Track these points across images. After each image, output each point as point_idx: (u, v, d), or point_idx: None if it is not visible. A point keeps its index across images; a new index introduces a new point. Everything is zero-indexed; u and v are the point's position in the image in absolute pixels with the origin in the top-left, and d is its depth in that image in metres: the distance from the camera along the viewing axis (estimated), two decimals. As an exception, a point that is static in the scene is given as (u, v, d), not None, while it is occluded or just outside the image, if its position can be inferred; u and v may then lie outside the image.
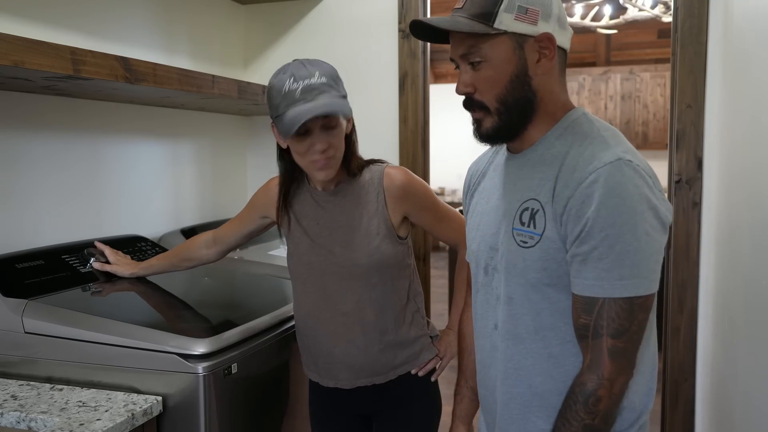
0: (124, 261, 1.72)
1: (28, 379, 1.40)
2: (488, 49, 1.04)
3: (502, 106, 1.06)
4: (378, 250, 1.43)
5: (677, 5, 2.05)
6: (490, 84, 1.05)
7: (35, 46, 1.23)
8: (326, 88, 1.33)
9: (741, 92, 1.72)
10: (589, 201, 0.97)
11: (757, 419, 1.45)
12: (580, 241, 0.98)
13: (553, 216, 1.02)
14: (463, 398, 1.37)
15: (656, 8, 4.50)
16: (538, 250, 1.04)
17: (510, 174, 1.13)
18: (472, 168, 1.30)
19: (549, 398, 1.08)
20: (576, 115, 1.09)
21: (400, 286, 1.49)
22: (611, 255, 0.96)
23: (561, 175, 1.02)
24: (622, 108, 7.49)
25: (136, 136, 2.03)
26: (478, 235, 1.18)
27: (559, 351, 1.06)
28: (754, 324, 1.50)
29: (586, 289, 0.99)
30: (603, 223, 0.95)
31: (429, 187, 1.54)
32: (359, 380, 1.47)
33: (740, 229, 1.67)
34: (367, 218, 1.45)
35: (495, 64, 1.04)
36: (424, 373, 1.52)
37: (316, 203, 1.49)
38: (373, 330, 1.45)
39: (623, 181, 0.96)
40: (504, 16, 1.02)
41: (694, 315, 2.09)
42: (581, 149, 1.02)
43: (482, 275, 1.17)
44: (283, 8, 2.53)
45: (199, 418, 1.30)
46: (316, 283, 1.47)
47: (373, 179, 1.46)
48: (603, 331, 0.98)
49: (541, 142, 1.09)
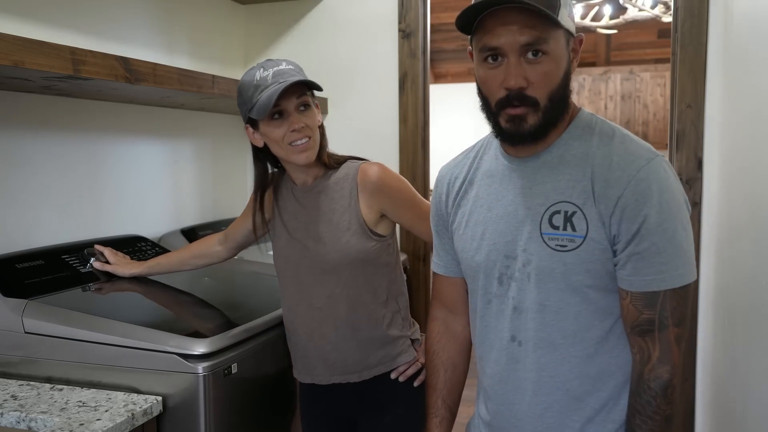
0: (123, 261, 1.71)
1: (28, 379, 1.40)
2: (553, 41, 0.99)
3: (550, 103, 1.02)
4: (347, 245, 1.43)
5: (677, 5, 2.05)
6: (548, 78, 1.00)
7: (35, 46, 1.23)
8: (295, 72, 1.39)
9: (741, 92, 1.72)
10: (643, 198, 0.98)
11: (757, 419, 1.45)
12: (639, 239, 0.99)
13: (598, 217, 1.01)
14: (442, 420, 1.29)
15: (656, 8, 4.50)
16: (582, 252, 1.02)
17: (518, 179, 1.10)
18: (448, 174, 1.23)
19: (586, 399, 1.08)
20: (586, 115, 1.09)
21: (376, 283, 1.46)
22: (669, 248, 0.98)
23: (596, 175, 1.02)
24: (622, 108, 7.49)
25: (136, 136, 2.03)
26: (484, 244, 1.13)
27: (595, 350, 1.06)
28: (754, 324, 1.50)
29: (646, 284, 1.00)
30: (660, 218, 0.98)
31: (407, 183, 1.50)
32: (333, 377, 1.47)
33: (740, 228, 1.67)
34: (338, 213, 1.45)
35: (555, 58, 1.00)
36: (404, 378, 1.48)
37: (296, 199, 1.50)
38: (345, 326, 1.44)
39: (667, 176, 1.00)
40: (562, 11, 0.99)
41: (694, 315, 2.09)
42: (611, 148, 1.03)
43: (496, 285, 1.12)
44: (283, 8, 2.53)
45: (199, 418, 1.29)
46: (293, 277, 1.48)
47: (348, 175, 1.46)
48: (668, 322, 1.01)
49: (556, 144, 1.07)
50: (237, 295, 1.87)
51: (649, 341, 1.02)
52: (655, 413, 1.02)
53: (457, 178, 1.21)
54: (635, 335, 1.03)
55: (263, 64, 1.40)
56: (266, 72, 1.37)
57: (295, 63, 1.43)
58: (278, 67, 1.38)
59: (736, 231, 1.72)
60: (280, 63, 1.39)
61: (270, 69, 1.37)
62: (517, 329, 1.09)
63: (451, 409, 1.30)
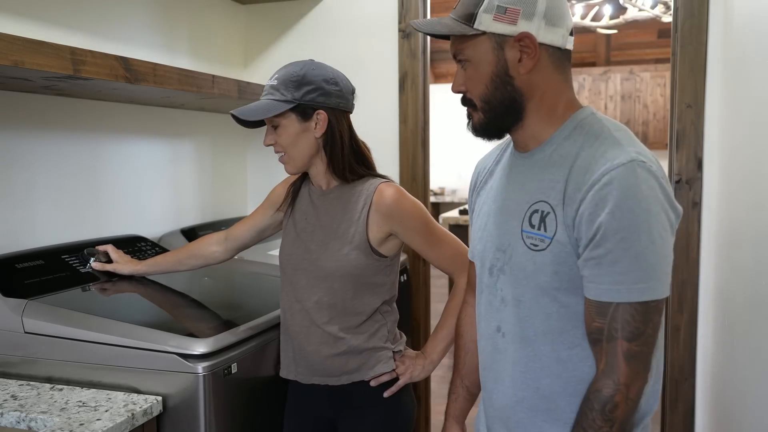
0: (124, 258, 1.72)
1: (28, 379, 1.40)
2: (469, 49, 1.07)
3: (486, 105, 1.08)
4: (345, 258, 1.44)
5: (677, 5, 2.05)
6: (474, 83, 1.08)
7: (35, 46, 1.23)
8: (271, 90, 1.43)
9: (741, 92, 1.72)
10: (603, 203, 0.95)
11: (757, 419, 1.45)
12: (594, 245, 0.96)
13: (563, 219, 1.01)
14: (458, 397, 1.37)
15: (656, 8, 4.50)
16: (549, 253, 1.02)
17: (517, 174, 1.13)
18: (480, 165, 1.30)
19: (556, 401, 1.07)
20: (584, 114, 1.08)
21: (365, 299, 1.47)
22: (626, 258, 0.94)
23: (572, 176, 1.01)
24: (622, 108, 7.49)
25: (136, 136, 2.03)
26: (484, 235, 1.17)
27: (568, 355, 1.05)
28: (754, 324, 1.50)
29: (601, 293, 0.97)
30: (618, 225, 0.94)
31: (422, 209, 1.50)
32: (314, 377, 1.49)
33: (740, 229, 1.67)
34: (346, 224, 1.47)
35: (476, 64, 1.07)
36: (375, 383, 1.49)
37: (311, 199, 1.53)
38: (328, 333, 1.45)
39: (637, 182, 0.95)
40: (483, 17, 1.04)
41: (694, 315, 2.09)
42: (592, 150, 1.01)
43: (487, 276, 1.16)
44: (283, 8, 2.53)
45: (199, 418, 1.30)
46: (291, 275, 1.50)
47: (365, 190, 1.48)
48: (618, 335, 0.96)
49: (549, 142, 1.08)
50: (237, 295, 1.87)
51: (598, 352, 1.00)
52: (590, 427, 0.99)
53: (484, 168, 1.27)
54: (590, 344, 1.02)
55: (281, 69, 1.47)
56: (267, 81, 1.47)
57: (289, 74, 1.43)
58: (269, 81, 1.45)
59: (736, 231, 1.72)
60: (273, 76, 1.45)
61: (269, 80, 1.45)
62: (502, 320, 1.12)
63: (469, 389, 1.36)
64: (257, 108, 1.42)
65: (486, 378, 1.19)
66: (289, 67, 1.44)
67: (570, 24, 1.08)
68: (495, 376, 1.15)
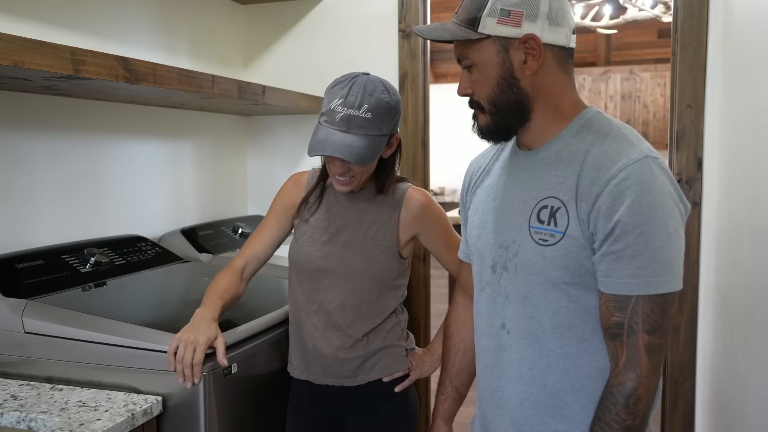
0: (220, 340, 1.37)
1: (28, 379, 1.40)
2: (474, 53, 1.08)
3: (493, 107, 1.09)
4: (376, 260, 1.46)
5: (677, 5, 2.05)
6: (480, 86, 1.09)
7: (35, 46, 1.23)
8: (366, 124, 1.33)
9: (741, 92, 1.72)
10: (621, 198, 0.97)
11: (757, 419, 1.45)
12: (613, 239, 0.98)
13: (577, 214, 1.02)
14: (447, 398, 1.37)
15: (656, 8, 4.50)
16: (560, 248, 1.03)
17: (520, 172, 1.13)
18: (474, 164, 1.30)
19: (563, 398, 1.08)
20: (591, 113, 1.10)
21: (386, 302, 1.50)
22: (646, 252, 0.96)
23: (584, 172, 1.02)
24: (622, 108, 7.49)
25: (136, 136, 2.03)
26: (484, 232, 1.18)
27: (576, 350, 1.06)
28: (754, 324, 1.50)
29: (620, 287, 0.99)
30: (637, 220, 0.96)
31: (446, 215, 1.56)
32: (328, 378, 1.48)
33: (740, 229, 1.67)
34: (375, 227, 1.47)
35: (482, 67, 1.08)
36: (389, 380, 1.52)
37: (335, 198, 1.51)
38: (350, 334, 1.46)
39: (653, 178, 0.98)
40: (487, 21, 1.04)
41: (694, 315, 2.09)
42: (604, 147, 1.03)
43: (489, 273, 1.16)
44: (283, 8, 2.53)
45: (199, 418, 1.30)
46: (310, 275, 1.48)
47: (395, 194, 1.49)
48: (638, 328, 0.98)
49: (555, 141, 1.09)
50: (237, 295, 1.87)
51: (618, 346, 1.01)
52: (614, 421, 1.00)
53: (479, 168, 1.27)
54: (607, 338, 1.03)
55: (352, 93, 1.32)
56: (341, 110, 1.32)
57: (378, 104, 1.33)
58: (354, 109, 1.32)
59: (736, 231, 1.72)
60: (359, 102, 1.32)
61: (345, 110, 1.32)
62: (507, 317, 1.12)
63: (458, 389, 1.36)
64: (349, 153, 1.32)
65: (488, 376, 1.18)
66: (376, 94, 1.34)
67: (572, 22, 1.09)
68: (499, 374, 1.15)
